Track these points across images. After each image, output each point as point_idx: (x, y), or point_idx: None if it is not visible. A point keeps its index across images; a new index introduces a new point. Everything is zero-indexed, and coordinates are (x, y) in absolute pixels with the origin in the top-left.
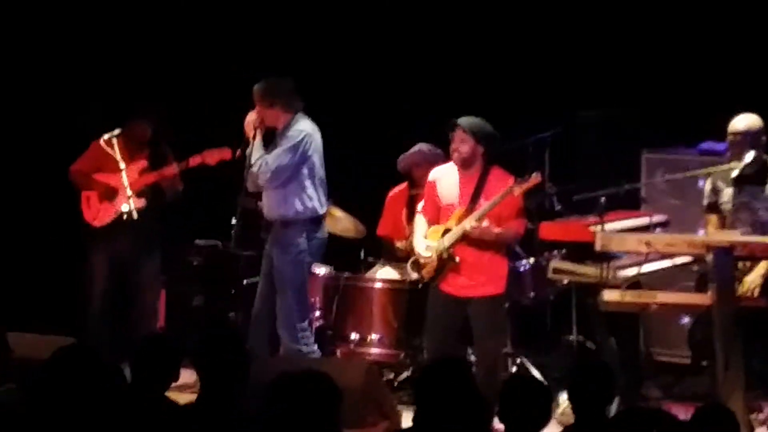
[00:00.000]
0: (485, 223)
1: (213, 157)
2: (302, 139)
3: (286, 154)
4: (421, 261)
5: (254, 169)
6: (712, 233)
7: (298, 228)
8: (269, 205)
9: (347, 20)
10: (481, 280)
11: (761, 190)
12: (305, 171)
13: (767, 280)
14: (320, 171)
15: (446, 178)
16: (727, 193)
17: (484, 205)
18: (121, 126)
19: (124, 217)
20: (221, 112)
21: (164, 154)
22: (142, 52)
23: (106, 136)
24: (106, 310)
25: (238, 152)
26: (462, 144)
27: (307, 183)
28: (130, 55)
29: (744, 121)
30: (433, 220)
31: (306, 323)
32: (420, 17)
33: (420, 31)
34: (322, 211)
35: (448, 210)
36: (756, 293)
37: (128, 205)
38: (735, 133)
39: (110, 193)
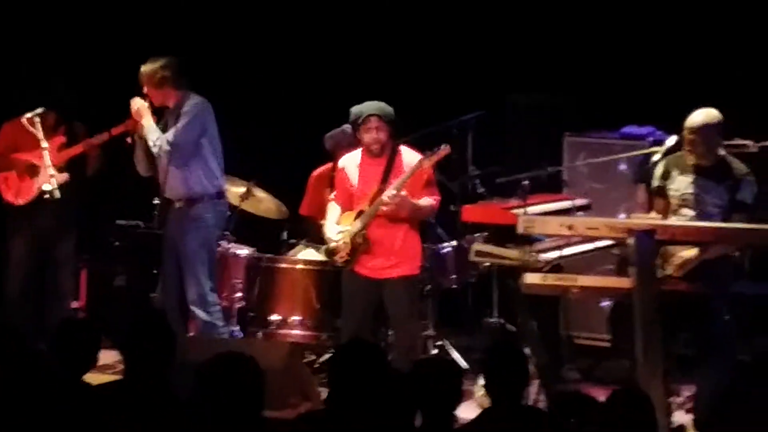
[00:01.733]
0: (403, 193)
1: (118, 130)
2: (199, 112)
3: (187, 128)
4: (333, 246)
5: (155, 150)
6: (654, 217)
7: (205, 204)
8: (173, 185)
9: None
10: (395, 261)
11: (715, 185)
12: (206, 145)
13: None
14: (218, 145)
15: (354, 164)
16: (680, 180)
17: (396, 180)
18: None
19: (46, 196)
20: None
21: (77, 131)
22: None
23: (28, 115)
24: (25, 291)
25: (128, 140)
26: (380, 132)
27: (210, 158)
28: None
29: (700, 117)
30: (345, 207)
31: (216, 298)
32: None
33: (346, 12)
34: (224, 184)
35: (360, 195)
36: (687, 267)
37: (50, 184)
38: (691, 129)
39: (31, 171)
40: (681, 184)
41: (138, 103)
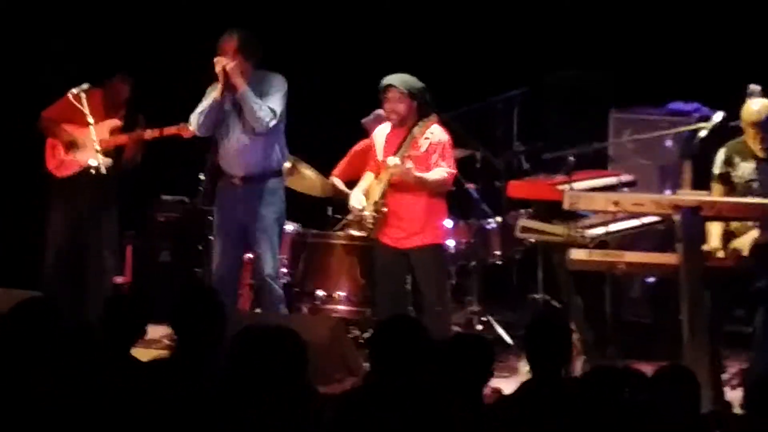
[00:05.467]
0: (408, 165)
1: (170, 131)
2: (286, 88)
3: (282, 102)
4: (354, 214)
5: (256, 115)
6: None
7: (279, 178)
8: (251, 159)
9: None
10: (416, 230)
11: None
12: (282, 122)
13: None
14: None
15: (381, 135)
16: (744, 167)
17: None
18: (100, 81)
19: (92, 171)
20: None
21: (136, 120)
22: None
23: (75, 90)
24: (60, 266)
25: (215, 95)
26: (398, 104)
27: (282, 135)
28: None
29: (762, 110)
30: (376, 175)
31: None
32: None
33: None
34: None
35: (381, 164)
36: (745, 252)
37: (96, 160)
38: (754, 123)
39: (75, 146)
40: (745, 171)
41: (229, 63)
